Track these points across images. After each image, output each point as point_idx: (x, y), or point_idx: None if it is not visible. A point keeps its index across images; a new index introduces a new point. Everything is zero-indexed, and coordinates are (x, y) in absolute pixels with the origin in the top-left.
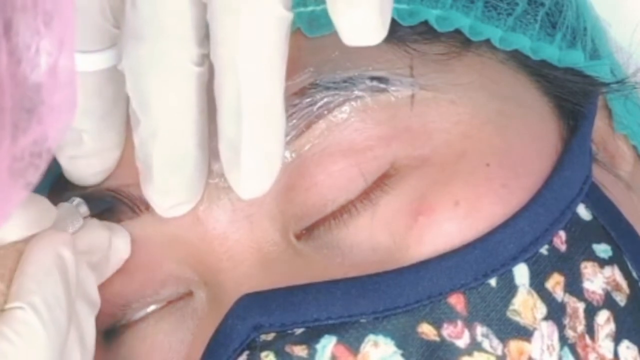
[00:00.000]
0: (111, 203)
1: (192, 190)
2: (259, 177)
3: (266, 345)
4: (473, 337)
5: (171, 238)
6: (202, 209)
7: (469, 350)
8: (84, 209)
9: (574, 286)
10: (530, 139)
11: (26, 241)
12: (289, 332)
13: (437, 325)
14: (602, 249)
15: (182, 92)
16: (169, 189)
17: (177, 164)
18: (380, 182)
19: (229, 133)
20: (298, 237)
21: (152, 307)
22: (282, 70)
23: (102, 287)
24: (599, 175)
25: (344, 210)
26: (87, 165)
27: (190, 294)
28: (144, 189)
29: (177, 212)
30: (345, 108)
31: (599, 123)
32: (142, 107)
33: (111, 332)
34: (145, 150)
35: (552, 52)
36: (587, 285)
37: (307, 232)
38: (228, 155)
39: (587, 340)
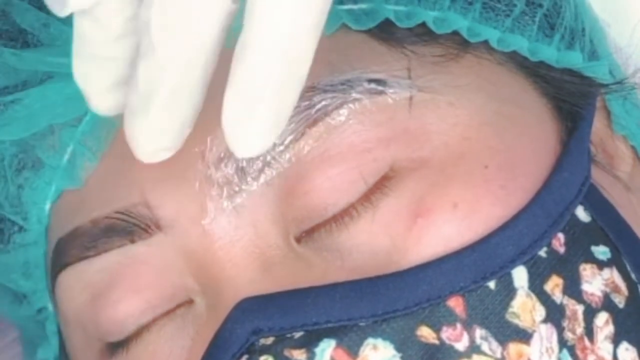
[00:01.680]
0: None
1: (180, 135)
2: (269, 127)
3: (265, 349)
4: (472, 340)
5: (180, 253)
6: (207, 221)
7: (468, 353)
8: None
9: (573, 288)
10: (528, 140)
11: None
12: (288, 336)
13: (436, 328)
14: (601, 251)
15: (210, 27)
16: (162, 128)
17: (180, 102)
18: (381, 185)
19: (246, 76)
20: (298, 239)
21: (153, 316)
22: (321, 19)
23: (111, 310)
24: (597, 176)
25: (345, 213)
26: None
27: (190, 301)
28: (129, 125)
29: (159, 157)
30: (344, 111)
31: (598, 124)
32: (163, 33)
33: (116, 342)
34: (150, 80)
35: (550, 53)
36: (585, 287)
37: (307, 235)
38: (237, 104)
39: (586, 342)
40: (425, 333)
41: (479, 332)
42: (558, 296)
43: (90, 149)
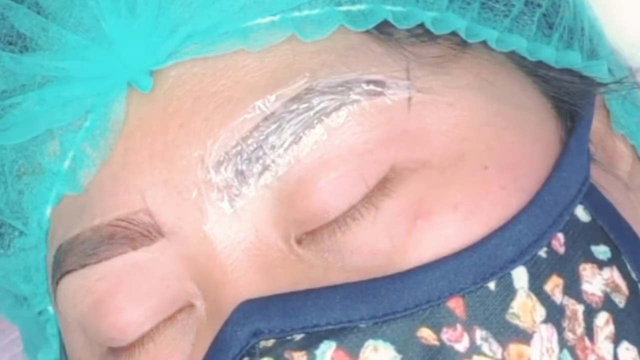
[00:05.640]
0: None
1: None
2: None
3: (266, 352)
4: (472, 341)
5: (181, 258)
6: (209, 225)
7: (468, 354)
8: None
9: (573, 288)
10: (528, 140)
11: None
12: (289, 338)
13: (437, 330)
14: (601, 251)
15: None
16: None
17: None
18: (382, 186)
19: None
20: (299, 241)
21: (155, 322)
22: None
23: (112, 318)
24: (597, 175)
25: (348, 215)
26: None
27: (191, 305)
28: None
29: None
30: (342, 112)
31: (597, 123)
32: None
33: (117, 348)
34: None
35: (549, 52)
36: (585, 287)
37: (309, 237)
38: None
39: (587, 342)
40: (426, 334)
41: (479, 333)
42: (558, 296)
43: (90, 156)
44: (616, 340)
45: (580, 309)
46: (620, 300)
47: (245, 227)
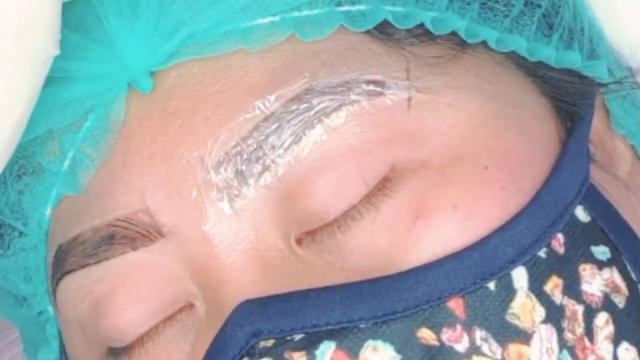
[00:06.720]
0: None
1: None
2: None
3: (265, 352)
4: (472, 341)
5: (181, 258)
6: (208, 226)
7: (468, 354)
8: None
9: (573, 289)
10: (528, 140)
11: None
12: (288, 338)
13: (437, 330)
14: (601, 251)
15: None
16: None
17: None
18: (382, 186)
19: None
20: (299, 241)
21: (155, 322)
22: None
23: (112, 319)
24: (597, 175)
25: (347, 216)
26: None
27: (191, 305)
28: None
29: None
30: (342, 112)
31: (597, 123)
32: None
33: (117, 348)
34: None
35: (549, 53)
36: (585, 287)
37: (308, 237)
38: None
39: (586, 342)
40: (426, 334)
41: (479, 333)
42: (558, 297)
43: (90, 157)
44: (616, 341)
45: (580, 309)
46: (620, 301)
47: (244, 227)
